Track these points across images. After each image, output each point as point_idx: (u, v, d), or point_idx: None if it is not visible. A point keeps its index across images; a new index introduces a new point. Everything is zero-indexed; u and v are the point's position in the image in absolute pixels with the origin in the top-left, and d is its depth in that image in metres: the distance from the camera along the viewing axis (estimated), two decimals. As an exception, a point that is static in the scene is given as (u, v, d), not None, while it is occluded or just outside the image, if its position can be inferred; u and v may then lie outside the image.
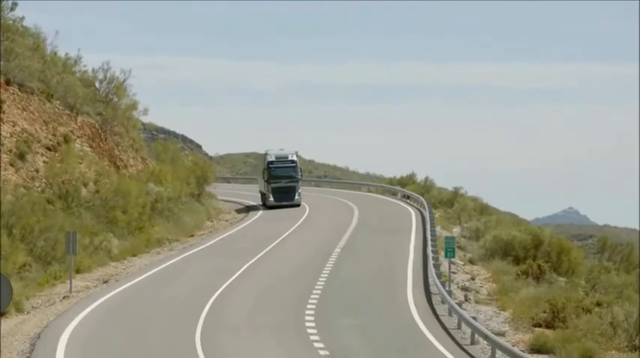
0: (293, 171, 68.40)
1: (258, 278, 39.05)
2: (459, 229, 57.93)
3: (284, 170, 68.29)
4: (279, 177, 68.01)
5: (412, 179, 77.46)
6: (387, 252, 46.31)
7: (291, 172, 68.26)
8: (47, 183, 48.93)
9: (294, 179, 68.50)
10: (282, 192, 67.92)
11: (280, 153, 69.69)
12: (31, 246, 40.42)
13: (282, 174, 68.18)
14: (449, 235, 44.67)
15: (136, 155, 66.09)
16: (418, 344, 28.69)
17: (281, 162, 68.40)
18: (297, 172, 68.75)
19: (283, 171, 68.22)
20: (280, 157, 68.82)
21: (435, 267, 38.92)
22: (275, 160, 68.54)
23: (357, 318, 31.58)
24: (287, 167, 68.28)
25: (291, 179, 68.24)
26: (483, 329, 28.99)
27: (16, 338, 28.66)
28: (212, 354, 26.07)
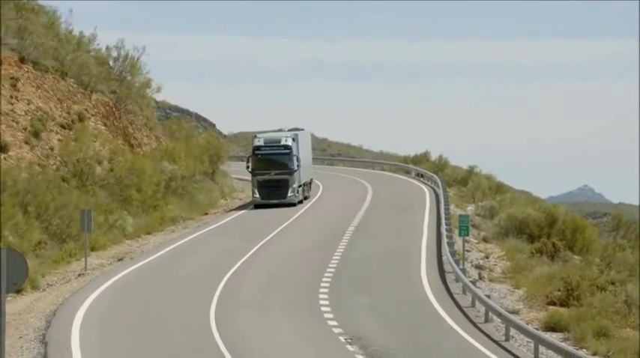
0: (287, 159, 54.07)
1: (271, 257, 39.12)
2: (473, 207, 57.86)
3: (274, 158, 54.24)
4: (268, 167, 54.02)
5: (426, 157, 77.34)
6: (401, 230, 46.31)
7: (284, 160, 54.10)
8: (62, 161, 49.05)
9: (288, 170, 53.99)
10: (270, 187, 53.94)
11: (271, 136, 55.85)
12: (47, 223, 40.59)
13: (272, 164, 54.14)
14: (463, 213, 44.58)
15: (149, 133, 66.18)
16: (432, 322, 28.72)
17: (271, 148, 54.43)
18: (293, 161, 54.13)
19: (273, 160, 54.17)
20: (270, 141, 54.78)
21: (448, 246, 38.91)
22: (263, 145, 54.53)
23: (371, 296, 31.63)
24: (278, 154, 54.28)
25: (283, 170, 53.95)
26: (497, 307, 29.00)
27: (31, 316, 28.82)
28: (226, 332, 26.16)
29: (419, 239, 43.75)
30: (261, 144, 54.68)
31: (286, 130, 58.36)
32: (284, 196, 53.88)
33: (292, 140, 55.00)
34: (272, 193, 53.91)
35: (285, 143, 54.56)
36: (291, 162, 54.21)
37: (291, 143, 54.71)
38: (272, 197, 53.81)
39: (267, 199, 53.80)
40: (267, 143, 54.75)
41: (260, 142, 54.83)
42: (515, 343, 27.03)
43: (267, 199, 53.81)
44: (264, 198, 53.91)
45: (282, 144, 54.58)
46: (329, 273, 35.39)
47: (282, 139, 54.93)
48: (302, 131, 59.26)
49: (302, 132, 58.94)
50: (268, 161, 54.22)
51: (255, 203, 54.60)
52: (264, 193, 53.97)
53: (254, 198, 54.67)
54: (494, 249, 44.74)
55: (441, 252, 39.74)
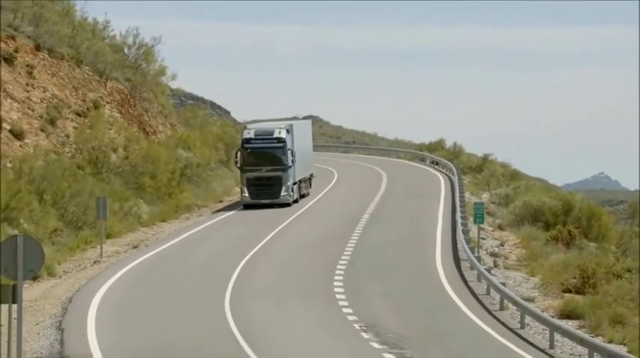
0: (280, 153, 48.48)
1: (286, 244, 39.14)
2: (488, 195, 57.76)
3: (266, 152, 48.61)
4: (258, 162, 48.48)
5: (441, 145, 77.21)
6: (416, 218, 46.26)
7: (276, 155, 48.56)
8: (77, 149, 49.17)
9: (282, 166, 48.39)
10: (261, 185, 48.42)
11: (262, 128, 50.49)
12: (62, 211, 40.71)
13: (263, 159, 48.54)
14: (478, 201, 44.52)
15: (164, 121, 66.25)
16: (447, 310, 28.70)
17: (262, 141, 48.68)
18: (287, 156, 48.52)
19: (264, 154, 48.60)
20: (262, 133, 49.14)
21: (463, 233, 38.87)
22: (253, 137, 48.86)
23: (386, 284, 31.63)
24: (270, 148, 48.58)
25: (276, 166, 48.42)
26: (512, 295, 28.97)
27: (48, 302, 28.94)
28: (241, 319, 26.21)
29: (434, 226, 43.69)
30: (251, 137, 48.69)
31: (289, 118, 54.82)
32: (276, 196, 48.14)
33: (286, 132, 48.96)
34: (263, 192, 48.28)
35: (278, 135, 48.62)
36: (285, 157, 48.32)
37: (285, 135, 48.73)
38: (263, 196, 48.19)
39: (258, 199, 48.15)
40: (258, 135, 48.69)
41: (250, 134, 48.86)
42: (530, 330, 27.00)
43: (257, 199, 48.17)
44: (254, 198, 48.28)
45: (275, 137, 48.61)
46: (344, 260, 35.40)
47: (275, 131, 48.91)
48: (299, 121, 55.68)
49: (298, 123, 53.69)
50: (259, 156, 48.47)
51: (243, 203, 48.88)
52: (254, 192, 48.30)
53: (242, 198, 48.96)
54: (510, 237, 44.67)
55: (455, 240, 39.70)
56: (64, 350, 22.70)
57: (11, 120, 46.32)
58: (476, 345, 25.03)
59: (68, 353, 22.35)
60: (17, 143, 45.57)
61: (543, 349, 25.06)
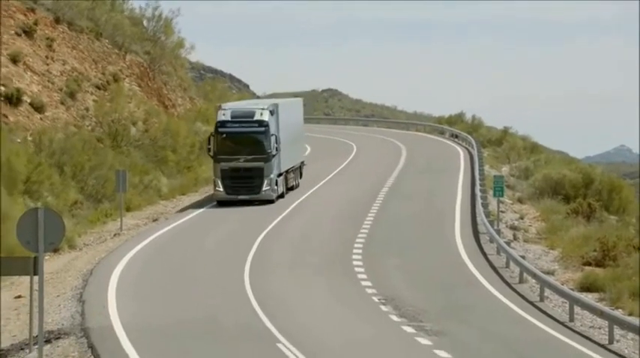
0: (262, 139, 40.78)
1: (305, 218, 39.18)
2: (508, 168, 57.60)
3: (244, 138, 40.90)
4: (235, 150, 40.89)
5: (461, 118, 76.98)
6: (435, 191, 46.20)
7: (257, 142, 40.86)
8: (97, 122, 49.31)
9: (264, 155, 40.78)
10: (239, 178, 40.79)
11: (241, 108, 42.49)
12: (82, 184, 40.88)
13: (241, 146, 40.96)
14: (497, 174, 44.39)
15: (184, 94, 66.30)
16: (466, 283, 28.70)
17: (240, 124, 40.88)
18: (270, 142, 40.86)
19: (243, 140, 40.91)
20: (240, 115, 41.23)
21: (483, 206, 38.79)
22: (229, 120, 40.96)
23: (405, 257, 31.63)
24: (250, 132, 40.82)
25: (256, 154, 40.76)
26: (532, 268, 28.92)
27: (69, 274, 29.11)
28: (260, 291, 26.28)
29: (453, 200, 43.62)
30: (227, 119, 40.67)
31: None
32: (257, 191, 40.53)
33: (270, 113, 41.05)
34: (240, 186, 40.61)
35: (259, 118, 40.65)
36: (268, 144, 40.55)
37: (269, 118, 40.87)
38: (240, 191, 40.59)
39: (234, 194, 40.60)
40: (236, 117, 40.78)
41: (225, 116, 40.76)
42: (550, 303, 26.96)
43: (233, 194, 40.62)
44: (230, 193, 40.61)
45: (256, 120, 40.68)
46: (362, 234, 35.41)
47: (256, 112, 40.94)
48: (286, 100, 47.46)
49: (285, 102, 45.94)
50: (236, 142, 40.74)
51: (216, 199, 41.00)
52: (230, 186, 40.58)
53: (216, 192, 41.05)
54: (529, 210, 44.55)
55: (475, 213, 39.63)
56: (84, 322, 22.84)
57: (31, 93, 46.46)
58: (495, 318, 25.02)
59: (89, 325, 22.49)
60: (37, 116, 45.74)
61: (563, 322, 25.03)
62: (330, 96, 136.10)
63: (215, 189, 41.48)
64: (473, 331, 23.35)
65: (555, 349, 22.60)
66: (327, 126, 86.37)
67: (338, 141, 70.18)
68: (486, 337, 22.99)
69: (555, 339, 23.33)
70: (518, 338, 23.17)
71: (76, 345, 21.02)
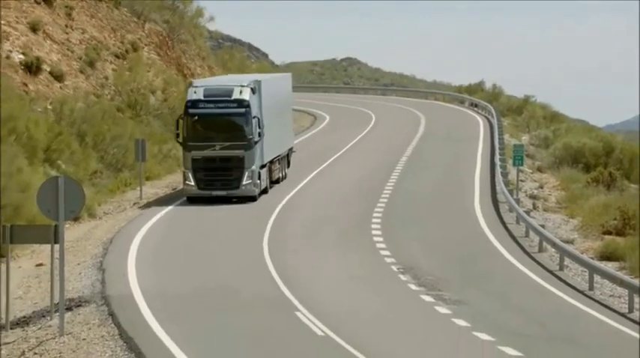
0: (242, 122, 34.12)
1: (324, 187, 39.17)
2: (528, 137, 57.38)
3: (221, 121, 34.30)
4: (209, 136, 34.27)
5: (481, 87, 76.66)
6: (454, 160, 46.10)
7: (236, 125, 34.21)
8: (116, 91, 49.37)
9: (244, 142, 34.16)
10: (213, 170, 34.21)
11: (216, 85, 35.32)
12: (102, 153, 40.99)
13: (216, 131, 34.35)
14: (517, 143, 44.24)
15: (202, 63, 66.27)
16: (485, 252, 28.68)
17: (215, 105, 34.19)
18: (252, 127, 34.19)
19: (218, 125, 34.33)
20: (215, 94, 34.46)
21: (502, 176, 38.69)
22: (202, 99, 34.26)
23: (424, 227, 31.62)
24: (227, 114, 34.21)
25: (235, 141, 34.17)
26: (552, 237, 28.86)
27: (89, 243, 29.26)
28: (279, 261, 26.35)
29: (472, 169, 43.52)
30: (199, 98, 33.95)
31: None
32: (235, 185, 34.06)
33: (251, 91, 34.28)
34: (215, 179, 34.06)
35: (239, 96, 33.95)
36: (249, 129, 33.90)
37: (250, 97, 34.08)
38: (215, 186, 34.11)
39: (208, 189, 34.04)
40: (210, 96, 34.04)
41: (197, 94, 34.07)
42: (569, 272, 26.92)
43: (207, 189, 34.04)
44: (204, 188, 34.04)
45: (235, 99, 33.94)
46: (381, 204, 35.40)
47: (235, 90, 34.16)
48: (271, 76, 40.97)
49: (270, 78, 39.00)
50: (210, 126, 34.05)
51: (187, 194, 34.53)
52: (203, 179, 34.02)
53: (186, 187, 34.49)
54: (549, 179, 44.41)
55: (494, 182, 39.54)
56: (105, 290, 22.98)
57: (51, 62, 46.54)
58: (514, 287, 25.01)
59: (109, 293, 22.63)
60: (57, 85, 45.83)
61: (582, 291, 25.00)
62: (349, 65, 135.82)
63: (185, 182, 34.30)
64: (492, 300, 23.35)
65: (575, 318, 22.59)
66: (346, 96, 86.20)
67: (357, 110, 70.05)
68: (505, 306, 22.99)
69: (575, 308, 23.31)
70: (537, 307, 23.15)
71: (96, 313, 21.17)
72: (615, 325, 22.02)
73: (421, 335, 20.38)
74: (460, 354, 19.01)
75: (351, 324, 20.59)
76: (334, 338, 19.47)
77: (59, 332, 19.94)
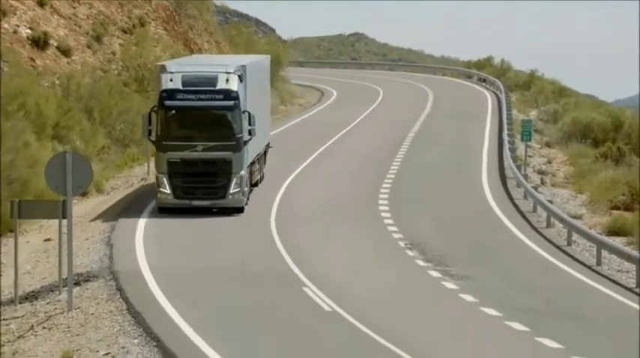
0: (230, 117, 28.28)
1: (331, 163, 39.16)
2: (536, 112, 57.25)
3: (203, 115, 28.34)
4: (188, 135, 28.31)
5: (489, 62, 76.44)
6: (462, 136, 46.04)
7: (224, 120, 28.32)
8: (123, 66, 49.29)
9: (232, 141, 28.20)
10: (194, 176, 28.25)
11: (196, 72, 28.90)
12: (110, 128, 40.98)
13: (198, 128, 28.37)
14: (525, 118, 44.16)
15: (209, 39, 66.09)
16: (493, 228, 28.68)
17: (196, 95, 28.22)
18: (241, 122, 28.32)
19: (200, 120, 28.34)
20: (196, 82, 28.45)
21: (510, 151, 38.64)
22: (181, 89, 28.27)
23: (431, 202, 31.62)
24: (212, 108, 28.26)
25: (221, 141, 28.23)
26: (559, 212, 28.85)
27: (97, 218, 29.29)
28: (287, 237, 26.37)
29: (480, 144, 43.47)
30: (177, 88, 27.96)
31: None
32: (221, 194, 28.08)
33: (239, 80, 28.29)
34: (197, 187, 28.05)
35: (225, 86, 27.99)
36: (238, 126, 28.03)
37: (237, 86, 28.17)
38: (197, 194, 28.10)
39: (187, 199, 28.05)
40: (190, 85, 28.06)
41: (175, 83, 28.04)
42: (577, 248, 26.92)
43: (186, 199, 28.03)
44: (181, 196, 27.99)
45: (221, 90, 28.00)
46: (389, 179, 35.39)
47: (220, 78, 28.12)
48: (252, 59, 33.50)
49: (252, 62, 31.61)
50: (191, 122, 28.08)
51: (160, 204, 28.26)
52: (181, 186, 27.97)
53: (160, 195, 28.16)
54: (557, 154, 44.35)
55: (502, 158, 39.49)
56: (113, 265, 23.05)
57: (58, 37, 46.47)
58: (522, 263, 25.03)
59: (117, 268, 22.69)
60: (64, 60, 45.77)
61: (590, 266, 25.01)
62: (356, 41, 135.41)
63: (159, 189, 27.94)
64: (499, 276, 23.37)
65: (582, 293, 22.61)
66: (353, 71, 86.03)
67: (364, 86, 69.93)
68: (513, 281, 23.01)
69: (582, 283, 23.32)
70: (545, 282, 23.17)
71: (104, 288, 21.25)
72: (622, 300, 22.04)
73: (428, 310, 20.42)
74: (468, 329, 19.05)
75: (359, 300, 20.63)
76: (341, 313, 19.52)
77: (67, 307, 20.02)
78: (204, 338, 17.63)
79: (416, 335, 18.41)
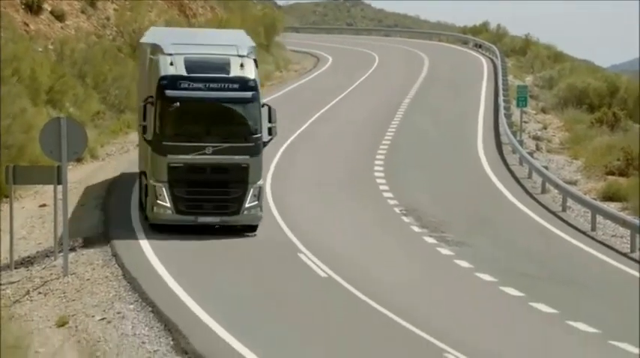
0: (248, 110, 22.81)
1: (327, 129, 39.09)
2: (532, 78, 57.12)
3: (214, 110, 22.73)
4: (195, 133, 22.64)
5: (485, 27, 76.13)
6: (458, 101, 45.96)
7: (241, 114, 22.85)
8: (118, 32, 49.04)
9: (250, 143, 22.69)
10: (200, 185, 22.58)
11: (202, 54, 23.10)
12: (104, 94, 40.84)
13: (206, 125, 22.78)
14: (521, 84, 44.05)
15: (204, 4, 65.70)
16: (488, 194, 28.72)
17: (206, 85, 22.54)
18: (260, 118, 22.87)
19: (210, 116, 22.77)
20: (204, 66, 22.78)
21: (506, 117, 38.61)
22: (185, 76, 22.52)
23: (427, 169, 31.62)
24: (226, 101, 22.64)
25: (236, 142, 22.63)
26: (554, 178, 28.88)
27: (93, 184, 29.27)
28: (283, 207, 26.34)
29: (476, 110, 43.41)
30: (181, 74, 22.49)
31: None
32: (235, 208, 22.48)
33: (254, 64, 23.08)
34: (205, 200, 22.54)
35: (239, 73, 22.66)
36: (257, 123, 22.77)
37: (255, 73, 22.90)
38: (205, 209, 22.56)
39: (193, 214, 22.47)
40: (197, 70, 22.56)
41: (177, 68, 22.56)
42: (572, 213, 26.98)
43: (190, 214, 22.47)
44: (185, 212, 22.46)
45: (235, 78, 22.61)
46: (384, 145, 35.35)
47: (232, 62, 22.78)
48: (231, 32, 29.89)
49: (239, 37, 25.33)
50: (199, 119, 22.74)
51: (156, 220, 22.72)
52: (185, 199, 22.48)
53: (157, 210, 22.52)
54: (553, 120, 44.31)
55: (498, 124, 39.46)
56: (108, 231, 23.03)
57: (52, 2, 46.20)
58: (517, 228, 25.09)
59: (112, 234, 22.67)
60: (58, 25, 45.53)
61: (585, 231, 25.08)
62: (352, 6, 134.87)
63: (156, 201, 22.41)
64: (494, 241, 23.43)
65: (577, 258, 22.68)
66: (349, 37, 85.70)
67: (360, 51, 69.69)
68: (508, 247, 23.07)
69: (577, 248, 23.39)
70: (539, 248, 23.24)
71: (100, 253, 21.26)
72: (617, 265, 22.13)
73: (424, 276, 20.47)
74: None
75: (354, 266, 20.67)
76: (336, 279, 19.56)
77: (63, 272, 20.05)
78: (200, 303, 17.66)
79: (411, 302, 18.46)
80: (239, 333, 15.92)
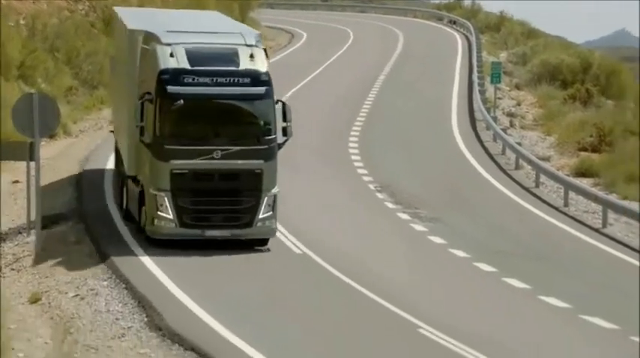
0: (261, 108, 19.82)
1: (301, 106, 38.82)
2: (506, 54, 57.22)
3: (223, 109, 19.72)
4: (202, 134, 19.64)
5: (459, 4, 76.15)
6: (432, 78, 46.00)
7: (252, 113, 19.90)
8: (90, 7, 48.66)
9: (263, 145, 19.90)
10: (207, 194, 19.57)
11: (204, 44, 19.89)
12: (77, 69, 40.55)
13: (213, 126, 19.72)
14: (495, 60, 44.13)
15: (179, -21, 65.25)
16: (462, 171, 28.83)
17: (213, 80, 19.48)
18: (274, 117, 19.92)
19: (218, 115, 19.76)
20: (208, 59, 19.64)
21: (480, 93, 38.69)
22: (189, 69, 19.37)
23: (401, 145, 31.68)
24: (235, 97, 19.56)
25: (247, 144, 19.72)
26: (528, 154, 29.03)
27: (65, 161, 29.13)
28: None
29: (450, 87, 43.48)
30: (184, 68, 19.48)
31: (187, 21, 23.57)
32: (247, 220, 19.75)
33: (265, 54, 20.45)
34: (213, 211, 19.72)
35: (250, 65, 19.87)
36: (270, 123, 20.06)
37: (266, 65, 20.16)
38: (213, 221, 19.73)
39: (199, 228, 19.61)
40: (201, 63, 19.62)
41: (179, 60, 19.56)
42: (545, 189, 27.13)
43: (196, 228, 19.60)
44: (191, 225, 19.62)
45: (246, 71, 19.80)
46: (359, 121, 35.37)
47: (240, 52, 19.98)
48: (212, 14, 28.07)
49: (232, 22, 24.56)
50: (206, 119, 19.88)
51: (156, 235, 19.70)
52: (190, 210, 19.64)
53: (158, 222, 19.54)
54: (527, 96, 44.44)
55: (472, 100, 39.56)
56: (81, 208, 22.96)
57: (23, -22, 45.73)
58: (490, 205, 25.22)
59: (86, 211, 22.61)
60: (30, 0, 45.11)
61: (558, 207, 25.24)
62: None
63: (157, 212, 19.54)
64: (468, 218, 23.54)
65: (549, 233, 22.83)
66: (323, 13, 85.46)
67: (335, 28, 69.55)
68: (481, 223, 23.19)
69: (550, 224, 23.54)
70: (512, 224, 23.37)
71: (73, 230, 21.18)
72: (589, 240, 22.31)
73: (398, 252, 20.55)
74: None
75: (328, 242, 20.71)
76: (311, 256, 19.60)
77: (36, 249, 19.96)
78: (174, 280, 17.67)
79: (382, 276, 18.54)
80: (210, 308, 15.94)
